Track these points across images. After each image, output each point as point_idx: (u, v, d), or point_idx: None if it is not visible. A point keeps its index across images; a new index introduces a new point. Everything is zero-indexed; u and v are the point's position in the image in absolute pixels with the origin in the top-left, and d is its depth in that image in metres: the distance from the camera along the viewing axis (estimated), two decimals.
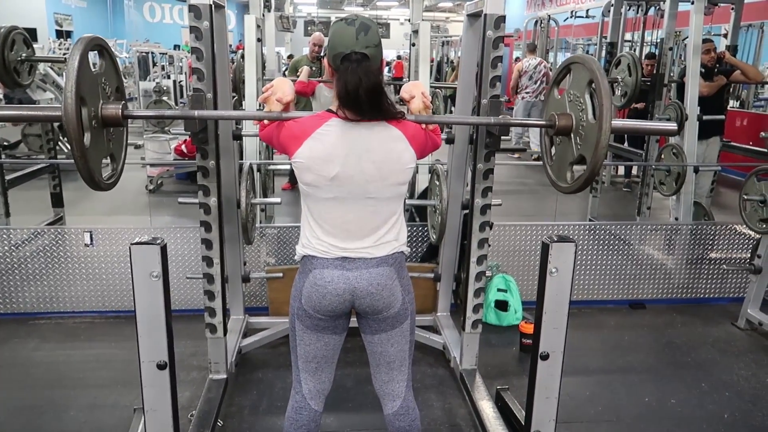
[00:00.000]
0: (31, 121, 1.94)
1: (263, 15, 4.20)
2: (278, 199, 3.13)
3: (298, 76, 5.54)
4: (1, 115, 1.64)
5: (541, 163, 2.07)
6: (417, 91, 1.73)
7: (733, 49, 4.97)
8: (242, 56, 4.27)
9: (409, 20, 4.19)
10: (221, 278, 2.41)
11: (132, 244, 1.49)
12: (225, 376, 2.56)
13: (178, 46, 17.59)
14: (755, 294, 3.37)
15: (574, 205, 5.98)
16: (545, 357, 1.67)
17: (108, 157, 1.55)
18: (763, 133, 3.07)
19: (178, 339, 2.78)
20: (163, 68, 12.50)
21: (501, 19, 2.26)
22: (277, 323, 3.11)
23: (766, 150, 4.71)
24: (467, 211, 2.97)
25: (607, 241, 3.70)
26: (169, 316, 1.54)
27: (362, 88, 1.52)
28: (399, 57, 21.99)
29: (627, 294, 3.76)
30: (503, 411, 2.45)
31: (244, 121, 3.01)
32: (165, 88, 8.52)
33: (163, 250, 1.50)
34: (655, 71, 4.54)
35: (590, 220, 5.02)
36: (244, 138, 3.24)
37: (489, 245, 2.56)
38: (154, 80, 10.16)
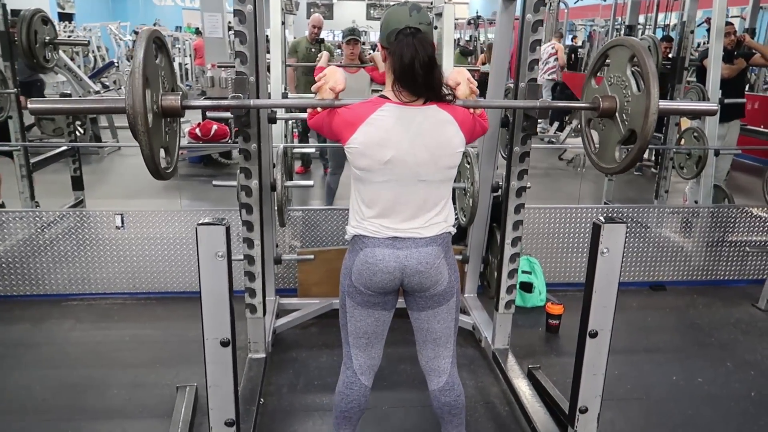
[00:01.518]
0: (96, 113, 2.00)
1: None
2: (311, 182, 3.16)
3: (297, 59, 5.54)
4: (67, 108, 1.67)
5: (551, 146, 2.11)
6: (462, 77, 1.77)
7: (751, 32, 4.96)
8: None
9: (431, 3, 4.18)
10: (261, 259, 2.45)
11: (198, 224, 1.52)
12: (264, 356, 2.61)
13: (180, 28, 17.50)
14: None
15: (587, 189, 6.02)
16: (594, 335, 1.72)
17: (163, 149, 1.58)
18: None
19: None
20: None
21: (540, 3, 2.27)
22: (307, 304, 3.17)
23: None
24: (497, 193, 3.01)
25: (627, 225, 3.73)
26: (232, 295, 1.58)
27: (418, 59, 1.57)
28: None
29: (648, 276, 3.80)
30: (536, 388, 2.51)
31: None
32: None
33: (228, 230, 1.54)
34: (673, 54, 4.54)
35: (605, 203, 5.06)
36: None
37: (522, 227, 2.59)
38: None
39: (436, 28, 4.22)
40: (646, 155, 7.08)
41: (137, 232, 3.38)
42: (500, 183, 2.99)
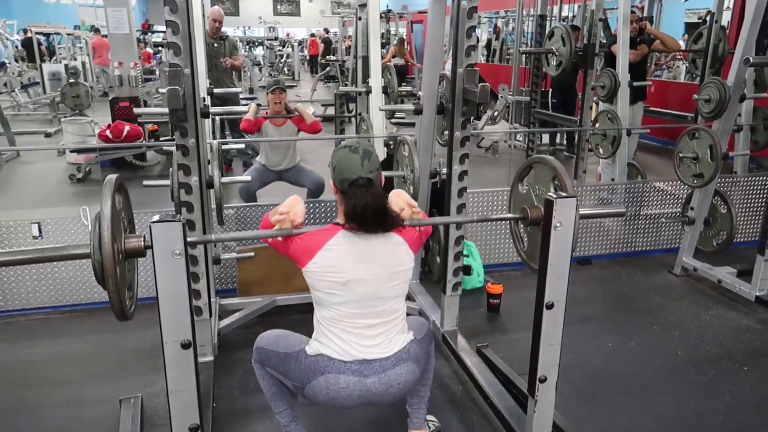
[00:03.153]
0: (59, 260, 1.92)
1: None
2: (248, 177, 3.06)
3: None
4: (27, 259, 1.55)
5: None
6: (403, 202, 1.87)
7: (649, 20, 5.32)
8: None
9: None
10: (205, 259, 2.35)
11: (152, 222, 1.44)
12: (212, 358, 2.52)
13: (78, 27, 16.43)
14: (689, 243, 3.70)
15: (507, 174, 6.25)
16: (550, 306, 1.79)
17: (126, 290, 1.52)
18: (695, 96, 3.34)
19: (149, 326, 2.71)
20: (57, 53, 11.55)
21: None
22: (249, 303, 3.09)
23: (684, 114, 5.12)
24: (435, 179, 3.06)
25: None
26: (191, 294, 1.51)
27: (369, 210, 1.70)
28: (312, 35, 21.72)
29: (575, 252, 3.99)
30: (488, 365, 2.58)
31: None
32: (77, 69, 7.96)
33: (185, 227, 1.46)
34: (585, 42, 4.80)
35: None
36: None
37: (465, 210, 2.65)
38: (61, 62, 9.47)
39: (360, 19, 4.24)
40: (558, 139, 7.44)
41: (57, 240, 3.15)
42: (437, 169, 3.05)
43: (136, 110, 2.64)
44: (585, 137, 4.68)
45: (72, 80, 7.21)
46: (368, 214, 1.70)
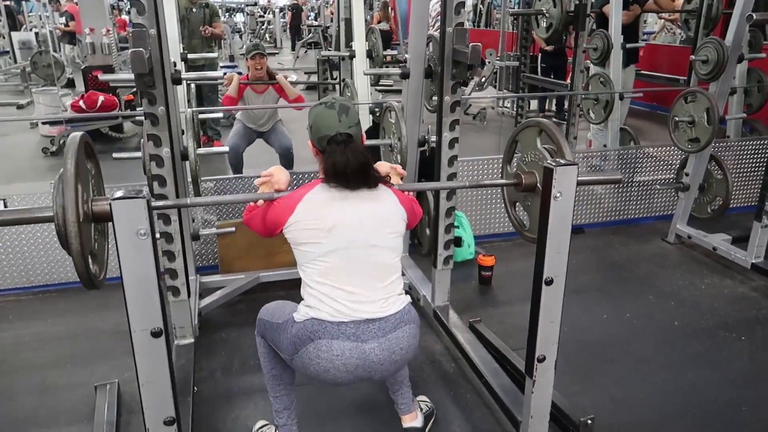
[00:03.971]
0: (21, 224, 1.75)
1: None
2: (226, 148, 2.90)
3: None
4: None
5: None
6: (385, 168, 1.82)
7: None
8: None
9: None
10: (181, 236, 2.21)
11: (113, 199, 1.29)
12: (192, 340, 2.40)
13: None
14: (683, 210, 3.61)
15: (496, 141, 6.12)
16: (549, 282, 1.68)
17: (91, 256, 1.35)
18: (693, 57, 3.21)
19: (117, 310, 2.56)
20: (26, 20, 11.04)
21: None
22: (231, 281, 2.96)
23: (675, 77, 4.99)
24: (423, 148, 2.91)
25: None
26: (160, 278, 1.37)
27: (350, 167, 1.58)
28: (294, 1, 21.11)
29: None
30: (481, 341, 2.49)
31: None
32: (45, 37, 7.60)
33: (149, 204, 1.32)
34: (576, 2, 4.61)
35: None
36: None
37: (457, 179, 2.52)
38: (32, 30, 9.06)
39: None
40: (547, 105, 7.30)
41: None
42: (426, 137, 2.90)
43: (101, 77, 2.46)
44: (576, 102, 4.54)
45: (42, 49, 6.87)
46: (350, 171, 1.58)
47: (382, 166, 1.81)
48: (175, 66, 2.45)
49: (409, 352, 1.70)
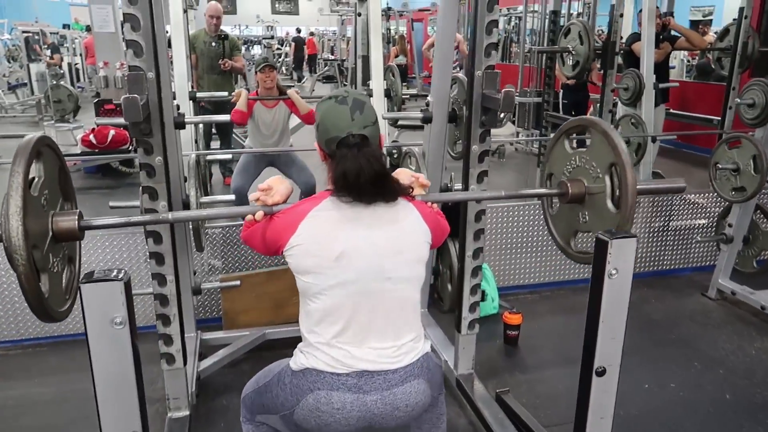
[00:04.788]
0: None
1: None
2: (232, 196, 2.69)
3: (195, 56, 4.94)
4: None
5: None
6: (406, 177, 1.54)
7: (670, 15, 4.95)
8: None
9: None
10: (177, 299, 1.98)
11: (82, 282, 1.07)
12: (187, 413, 2.14)
13: (68, 26, 16.05)
14: (726, 263, 3.33)
15: (513, 179, 5.90)
16: (601, 373, 1.43)
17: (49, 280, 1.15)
18: (737, 100, 2.98)
19: None
20: (43, 53, 11.12)
21: None
22: (236, 338, 2.72)
23: (709, 117, 4.74)
24: None
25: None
26: (140, 375, 1.14)
27: (364, 176, 1.32)
28: (312, 34, 21.35)
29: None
30: (509, 416, 2.22)
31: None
32: (61, 71, 7.58)
33: (128, 286, 1.09)
34: (604, 39, 4.43)
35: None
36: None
37: (485, 236, 2.28)
38: (45, 63, 9.10)
39: (359, 15, 3.85)
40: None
41: None
42: (449, 185, 2.69)
43: (96, 120, 2.27)
44: None
45: (54, 83, 6.81)
46: (363, 182, 1.32)
47: (402, 174, 1.55)
48: (179, 109, 2.26)
49: (416, 410, 1.44)
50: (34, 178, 1.19)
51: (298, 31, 19.80)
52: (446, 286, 2.81)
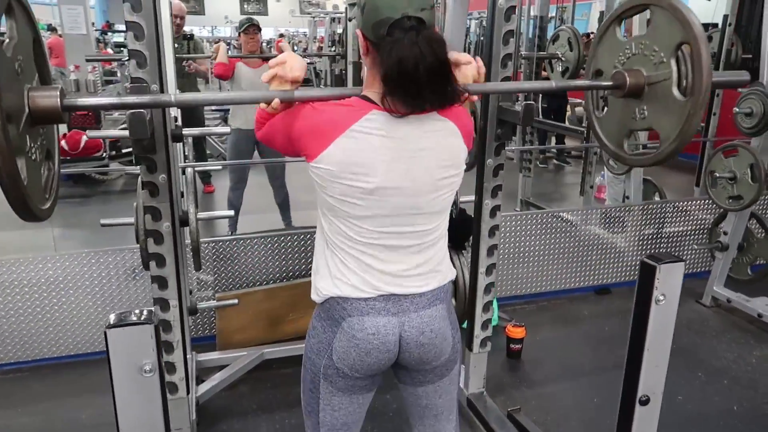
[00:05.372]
0: None
1: None
2: (231, 212, 2.56)
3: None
4: None
5: None
6: (470, 73, 1.32)
7: None
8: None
9: None
10: (181, 324, 1.86)
11: (108, 327, 0.96)
12: None
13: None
14: (720, 271, 3.34)
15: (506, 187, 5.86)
16: (645, 401, 1.37)
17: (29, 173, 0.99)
18: (735, 109, 2.99)
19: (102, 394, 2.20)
20: None
21: None
22: (232, 359, 2.59)
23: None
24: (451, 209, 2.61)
25: (557, 226, 3.50)
26: (168, 426, 1.03)
27: (424, 65, 1.11)
28: (282, 35, 21.10)
29: (591, 280, 3.62)
30: None
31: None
32: None
33: (157, 330, 0.99)
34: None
35: (524, 201, 4.92)
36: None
37: (498, 252, 2.22)
38: None
39: (350, 20, 3.76)
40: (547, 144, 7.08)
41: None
42: (455, 198, 2.61)
43: (89, 133, 2.13)
44: (593, 149, 4.31)
45: None
46: (423, 72, 1.10)
47: (462, 59, 1.30)
48: (176, 121, 2.14)
49: (438, 338, 1.34)
50: (4, 36, 1.00)
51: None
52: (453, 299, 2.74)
